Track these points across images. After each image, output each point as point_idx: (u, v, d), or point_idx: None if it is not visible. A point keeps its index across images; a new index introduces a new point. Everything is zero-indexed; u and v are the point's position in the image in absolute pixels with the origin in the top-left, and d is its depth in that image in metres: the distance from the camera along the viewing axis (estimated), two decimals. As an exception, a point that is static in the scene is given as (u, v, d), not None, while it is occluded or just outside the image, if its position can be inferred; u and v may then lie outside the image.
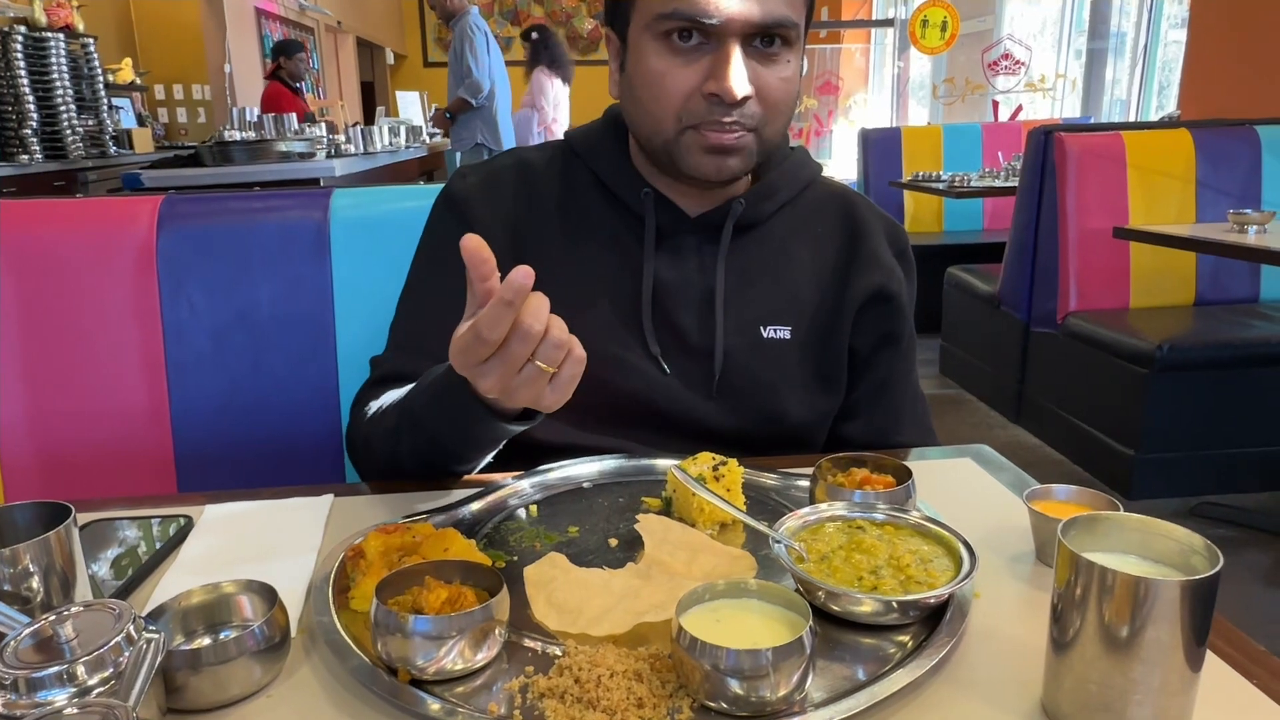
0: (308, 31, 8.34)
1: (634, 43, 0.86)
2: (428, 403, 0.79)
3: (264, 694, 0.55)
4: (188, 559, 0.72)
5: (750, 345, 0.95)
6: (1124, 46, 5.52)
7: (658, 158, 0.90)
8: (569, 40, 10.20)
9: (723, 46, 0.81)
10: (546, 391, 0.67)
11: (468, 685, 0.55)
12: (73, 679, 0.47)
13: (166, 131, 8.08)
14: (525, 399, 0.68)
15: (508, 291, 0.60)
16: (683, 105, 0.84)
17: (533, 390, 0.66)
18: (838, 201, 1.02)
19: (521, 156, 1.00)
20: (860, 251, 0.98)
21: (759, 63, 0.83)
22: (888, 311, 0.99)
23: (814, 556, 0.64)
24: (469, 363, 0.65)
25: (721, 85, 0.81)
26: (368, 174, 4.72)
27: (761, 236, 0.97)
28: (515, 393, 0.67)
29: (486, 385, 0.66)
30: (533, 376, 0.65)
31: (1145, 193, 2.83)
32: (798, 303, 0.96)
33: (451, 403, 0.75)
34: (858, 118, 8.17)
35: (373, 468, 0.91)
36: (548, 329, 0.64)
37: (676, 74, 0.83)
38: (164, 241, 1.15)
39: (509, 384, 0.66)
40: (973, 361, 3.55)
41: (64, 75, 5.12)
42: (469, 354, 0.64)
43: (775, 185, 0.97)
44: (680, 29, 0.82)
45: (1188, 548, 0.51)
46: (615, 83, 0.92)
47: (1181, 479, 2.55)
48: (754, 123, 0.85)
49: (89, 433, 1.14)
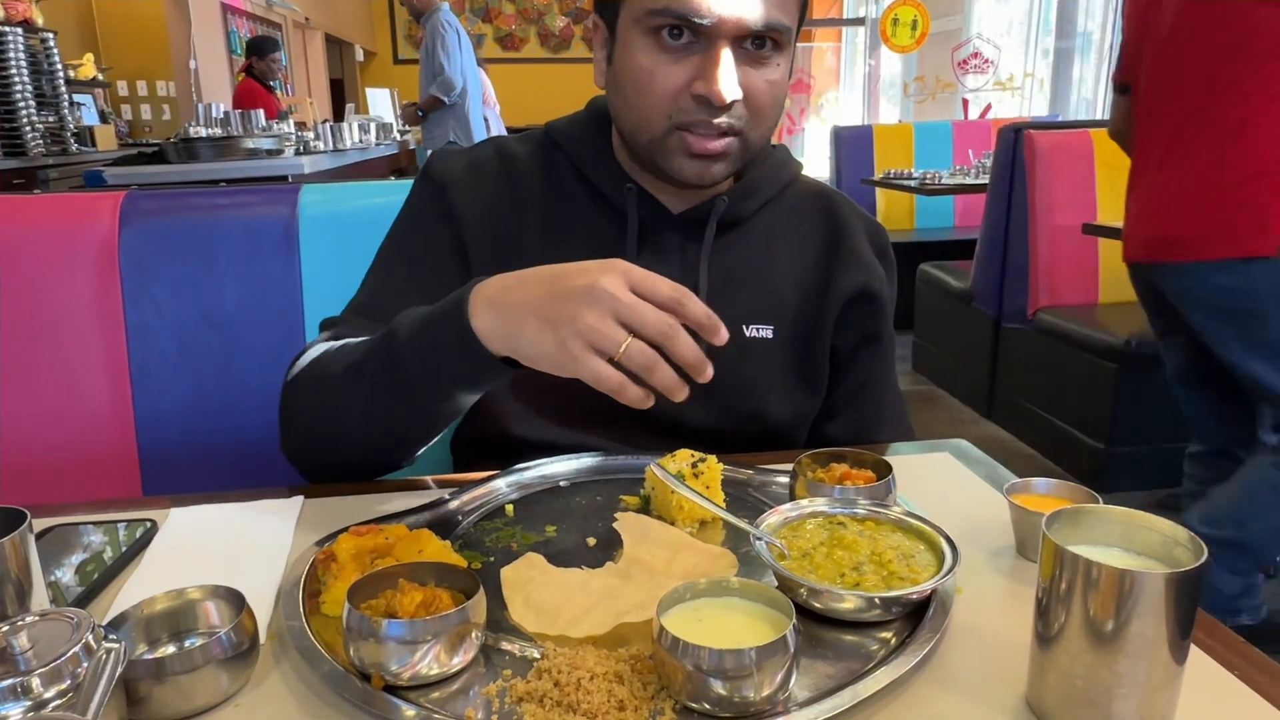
0: (275, 28, 8.22)
1: (623, 35, 0.85)
2: (415, 332, 0.72)
3: (231, 703, 0.53)
4: (152, 565, 0.70)
5: (732, 344, 0.93)
6: (1090, 46, 5.59)
7: (641, 155, 0.88)
8: (540, 38, 10.17)
9: (713, 47, 0.80)
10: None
11: (444, 690, 0.53)
12: (28, 692, 0.45)
13: (130, 129, 7.93)
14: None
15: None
16: (671, 104, 0.82)
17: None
18: (819, 200, 1.01)
19: (502, 146, 0.98)
20: (842, 250, 0.98)
21: (749, 65, 0.82)
22: (870, 311, 0.99)
23: (796, 553, 0.63)
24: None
25: (710, 87, 0.80)
26: (337, 171, 4.66)
27: (743, 235, 0.96)
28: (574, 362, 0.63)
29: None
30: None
31: (1113, 189, 2.86)
32: (780, 302, 0.96)
33: (441, 332, 0.70)
34: (830, 116, 8.22)
35: (300, 422, 0.84)
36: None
37: (665, 72, 0.82)
38: (126, 239, 1.12)
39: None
40: (945, 358, 3.58)
41: (23, 71, 5.00)
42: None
43: (757, 183, 0.96)
44: (671, 26, 0.80)
45: (1171, 540, 0.51)
46: (601, 73, 0.91)
47: (1150, 472, 2.59)
48: (740, 125, 0.84)
49: (50, 436, 1.11)
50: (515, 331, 0.65)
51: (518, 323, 0.65)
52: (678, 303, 0.63)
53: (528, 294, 0.66)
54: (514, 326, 0.65)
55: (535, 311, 0.64)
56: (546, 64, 10.17)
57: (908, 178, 4.14)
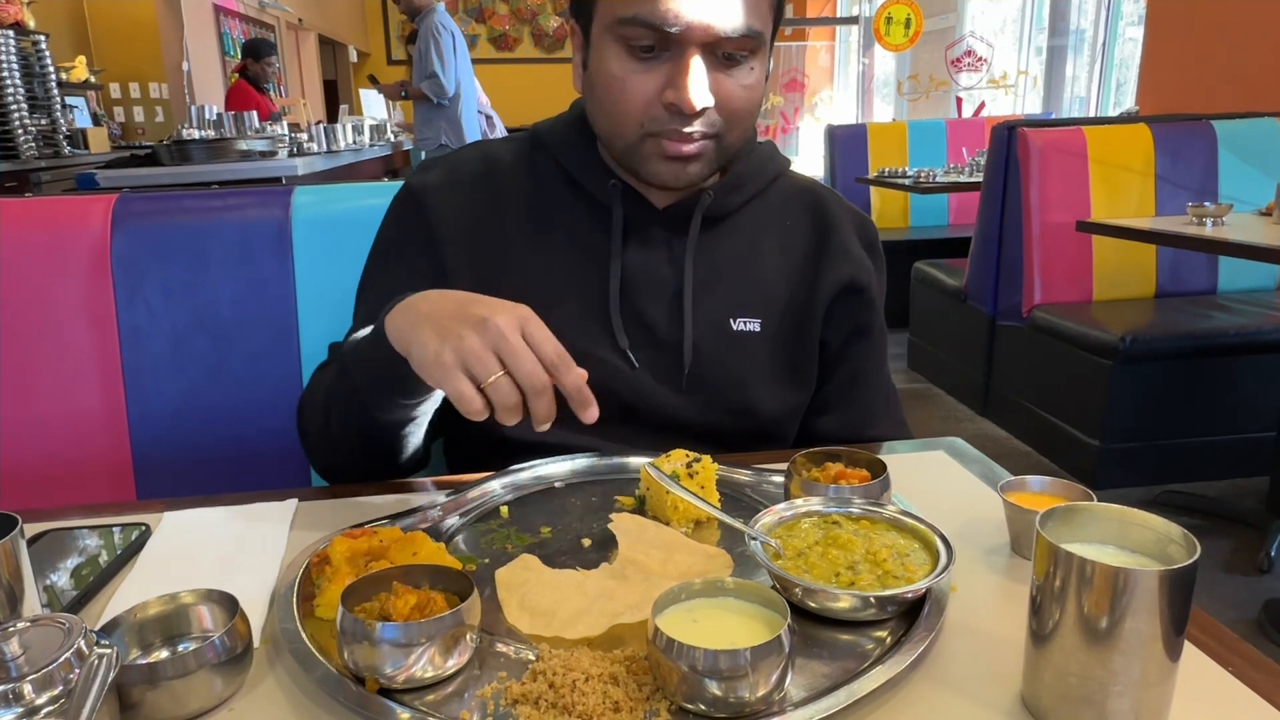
0: (268, 29, 8.20)
1: (596, 41, 0.85)
2: (354, 343, 0.79)
3: (225, 708, 0.53)
4: (145, 569, 0.70)
5: (720, 338, 0.94)
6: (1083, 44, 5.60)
7: (619, 160, 0.89)
8: (534, 38, 10.16)
9: (683, 55, 0.80)
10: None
11: (438, 693, 0.53)
12: (19, 698, 0.45)
13: (123, 131, 7.90)
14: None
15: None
16: (643, 112, 0.83)
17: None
18: (806, 195, 1.01)
19: (486, 150, 0.98)
20: (829, 244, 0.98)
21: (720, 70, 0.82)
22: (858, 304, 0.99)
23: (790, 553, 0.63)
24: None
25: (680, 95, 0.80)
26: (331, 173, 4.64)
27: (730, 229, 0.96)
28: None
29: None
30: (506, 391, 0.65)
31: (1106, 187, 2.87)
32: (767, 295, 0.96)
33: (368, 340, 0.75)
34: (824, 115, 8.22)
35: (311, 444, 0.91)
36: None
37: (635, 80, 0.82)
38: (119, 242, 1.11)
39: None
40: (940, 356, 3.58)
41: (14, 74, 4.98)
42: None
43: (743, 178, 0.96)
44: (640, 34, 0.80)
45: (1165, 537, 0.51)
46: (579, 77, 0.91)
47: (1145, 468, 2.59)
48: (715, 130, 0.84)
49: (43, 440, 1.11)
50: (411, 336, 0.69)
51: (415, 328, 0.69)
52: (555, 366, 0.66)
53: (434, 308, 0.70)
54: (411, 332, 0.69)
55: (432, 323, 0.68)
56: (540, 64, 10.16)
57: (902, 176, 4.15)
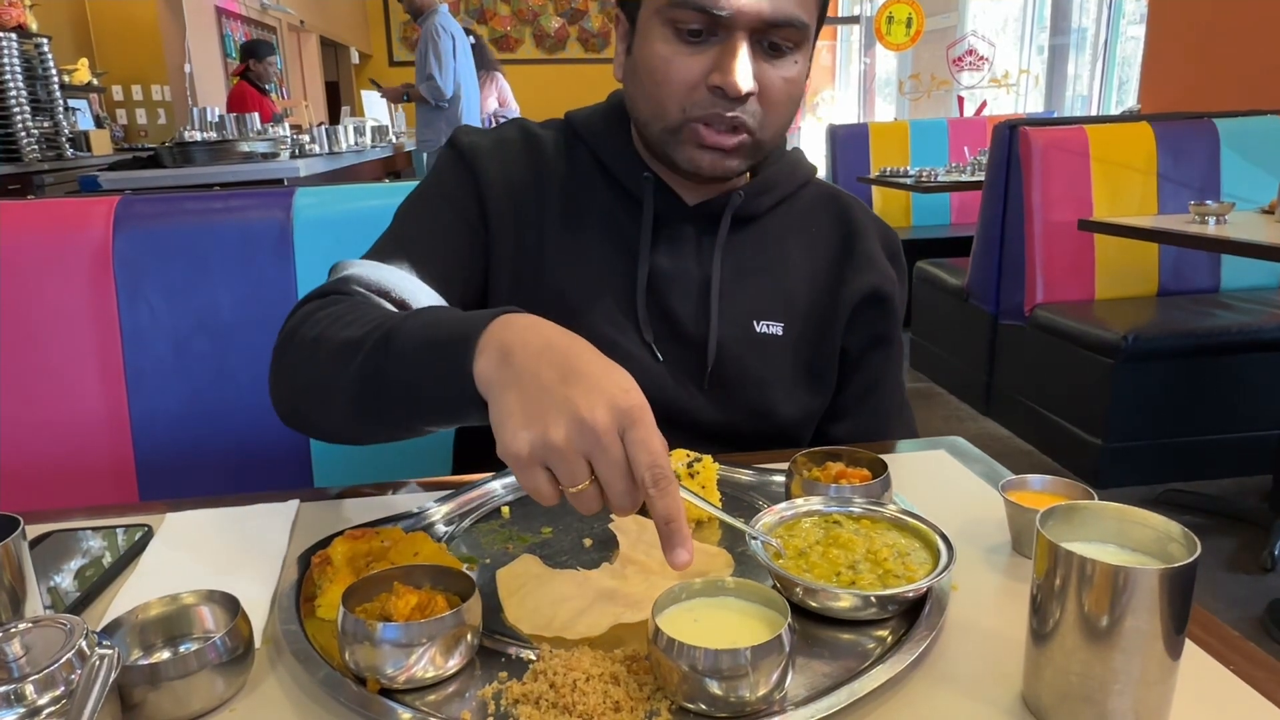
0: (270, 31, 8.21)
1: (643, 26, 0.85)
2: (414, 344, 0.64)
3: (227, 708, 0.53)
4: (147, 570, 0.70)
5: (743, 339, 0.94)
6: (1085, 42, 5.60)
7: (654, 146, 0.89)
8: (535, 39, 10.16)
9: (730, 39, 0.80)
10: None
11: (439, 693, 0.53)
12: (21, 699, 0.45)
13: (126, 133, 7.91)
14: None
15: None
16: (686, 95, 0.83)
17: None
18: (832, 203, 1.02)
19: (527, 128, 0.99)
20: (855, 252, 0.98)
21: (765, 60, 0.82)
22: (881, 313, 0.99)
23: (791, 552, 0.63)
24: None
25: (726, 79, 0.80)
26: (333, 174, 4.65)
27: (757, 232, 0.97)
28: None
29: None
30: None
31: (1108, 185, 2.87)
32: (791, 300, 0.96)
33: (439, 355, 0.62)
34: (825, 114, 8.23)
35: (287, 382, 0.79)
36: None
37: (682, 62, 0.82)
38: (121, 244, 1.12)
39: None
40: (942, 355, 3.58)
41: (17, 76, 4.99)
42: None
43: (772, 180, 0.97)
44: (690, 17, 0.81)
45: (1165, 535, 0.51)
46: (620, 65, 0.91)
47: (1148, 467, 2.59)
48: (754, 121, 0.84)
49: (46, 442, 1.11)
50: (498, 393, 0.58)
51: (503, 387, 0.58)
52: (650, 485, 0.55)
53: (534, 366, 0.58)
54: (499, 389, 0.58)
55: (525, 392, 0.57)
56: (541, 65, 10.16)
57: (904, 175, 4.14)
